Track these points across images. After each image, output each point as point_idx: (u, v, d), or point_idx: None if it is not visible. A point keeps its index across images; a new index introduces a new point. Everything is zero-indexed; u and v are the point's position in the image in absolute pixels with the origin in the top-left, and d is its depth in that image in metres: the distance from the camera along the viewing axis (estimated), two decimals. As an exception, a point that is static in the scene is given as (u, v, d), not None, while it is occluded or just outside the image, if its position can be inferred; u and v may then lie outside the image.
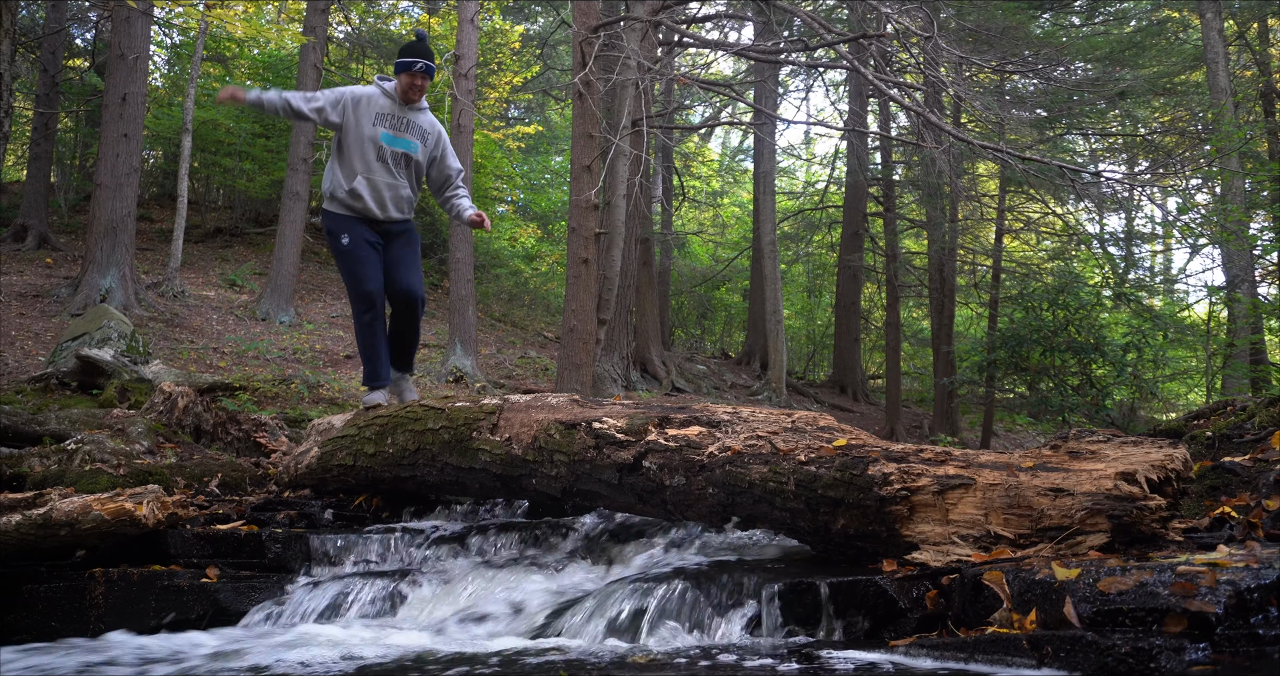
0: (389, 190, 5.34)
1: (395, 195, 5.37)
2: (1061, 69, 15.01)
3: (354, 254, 5.25)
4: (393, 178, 5.35)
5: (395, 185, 5.36)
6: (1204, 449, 3.69)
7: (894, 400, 17.92)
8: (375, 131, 5.27)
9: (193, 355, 11.80)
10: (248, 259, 18.32)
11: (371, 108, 5.29)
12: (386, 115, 5.32)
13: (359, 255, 5.25)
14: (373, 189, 5.28)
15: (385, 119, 5.31)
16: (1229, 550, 2.21)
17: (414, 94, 5.32)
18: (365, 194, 5.26)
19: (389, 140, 5.31)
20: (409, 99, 5.34)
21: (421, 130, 5.46)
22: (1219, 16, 14.29)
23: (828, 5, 18.62)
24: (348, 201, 5.27)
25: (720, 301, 26.14)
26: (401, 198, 5.42)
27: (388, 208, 5.36)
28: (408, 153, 5.40)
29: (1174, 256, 26.86)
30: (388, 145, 5.31)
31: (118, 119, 12.76)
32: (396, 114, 5.35)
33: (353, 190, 5.24)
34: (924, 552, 2.62)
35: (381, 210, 5.33)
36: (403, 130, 5.37)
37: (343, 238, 5.26)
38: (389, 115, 5.33)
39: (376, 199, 5.30)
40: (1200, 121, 17.27)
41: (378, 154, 5.28)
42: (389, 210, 5.37)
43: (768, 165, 19.80)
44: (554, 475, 3.69)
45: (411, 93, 5.31)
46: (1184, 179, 18.74)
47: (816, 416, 3.37)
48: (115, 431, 5.46)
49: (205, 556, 3.82)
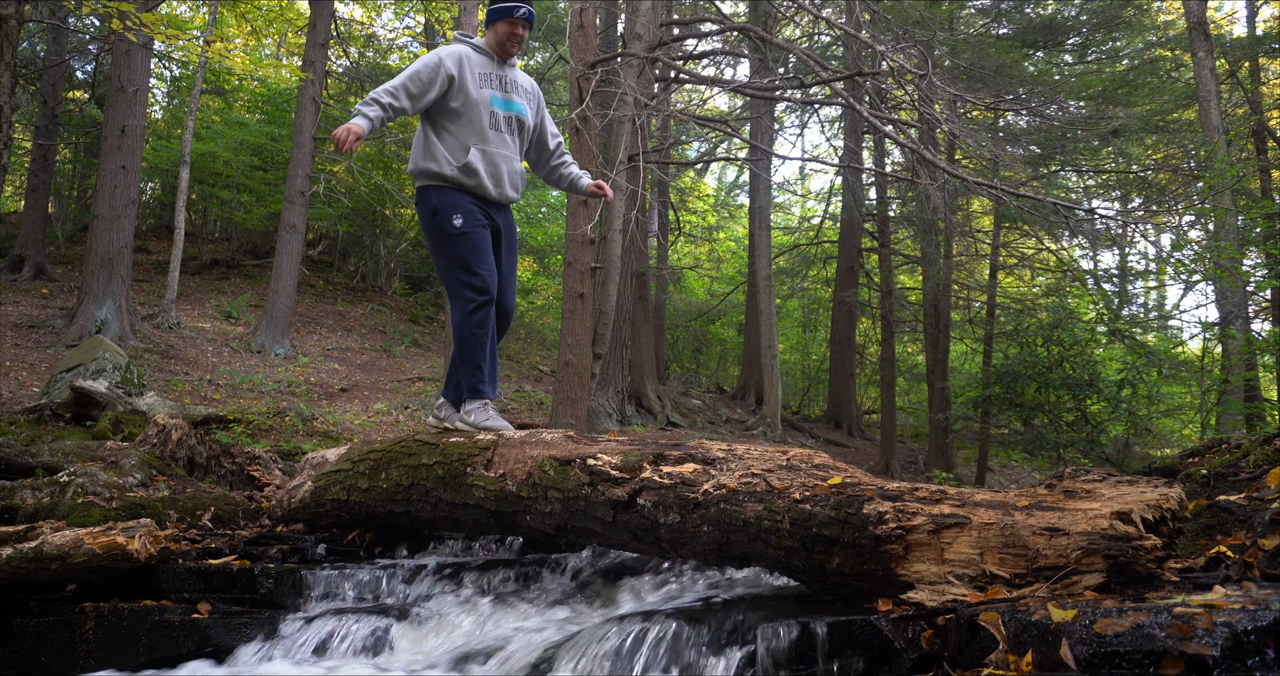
0: (505, 163, 4.56)
1: (511, 169, 4.60)
2: (1055, 107, 15.12)
3: (468, 238, 4.40)
4: (508, 148, 4.59)
5: (511, 157, 4.60)
6: (1199, 487, 3.70)
7: (889, 435, 17.89)
8: (484, 94, 4.49)
9: (187, 387, 11.78)
10: (244, 291, 18.34)
11: (473, 67, 4.51)
12: (489, 75, 4.55)
13: (474, 240, 4.41)
14: (489, 163, 4.49)
15: (490, 79, 4.54)
16: (1225, 591, 2.20)
17: (513, 46, 4.56)
18: (481, 169, 4.45)
19: (500, 103, 4.56)
20: (507, 53, 4.59)
21: (525, 90, 4.73)
22: (1211, 55, 14.43)
23: (823, 43, 18.78)
24: (459, 179, 4.43)
25: (715, 336, 26.18)
26: (516, 173, 4.64)
27: (504, 184, 4.56)
28: (521, 117, 4.66)
29: (1168, 293, 26.92)
30: (500, 109, 4.55)
31: (116, 151, 12.82)
32: (496, 72, 4.58)
33: (466, 165, 4.43)
34: (919, 592, 2.61)
35: (498, 187, 4.53)
36: (510, 91, 4.62)
37: (455, 218, 4.40)
38: (490, 74, 4.56)
39: (493, 174, 4.50)
40: (1193, 159, 17.39)
41: (490, 121, 4.51)
42: (505, 188, 4.57)
43: (763, 200, 19.90)
44: (548, 512, 3.68)
45: (510, 44, 4.55)
46: (1177, 216, 18.85)
47: (811, 454, 3.36)
48: (108, 464, 5.44)
49: (197, 591, 3.80)
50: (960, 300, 19.68)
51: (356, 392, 13.53)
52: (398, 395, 13.66)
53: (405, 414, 12.50)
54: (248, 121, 19.63)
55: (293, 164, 15.50)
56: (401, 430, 11.41)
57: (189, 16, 21.79)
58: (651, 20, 11.79)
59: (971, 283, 20.15)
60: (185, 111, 17.49)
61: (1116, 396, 12.60)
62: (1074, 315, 14.28)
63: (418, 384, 14.58)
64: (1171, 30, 18.49)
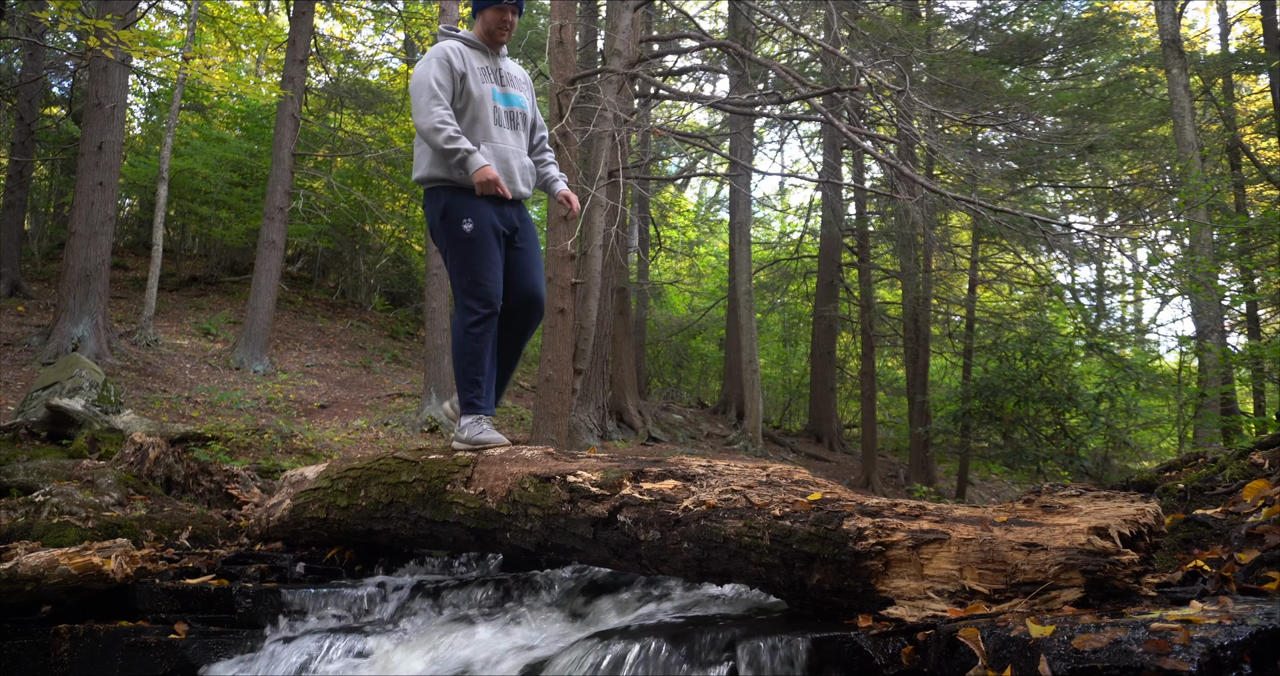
0: (515, 159, 4.40)
1: (521, 164, 4.44)
2: (1032, 123, 15.26)
3: (477, 244, 4.23)
4: (516, 143, 4.43)
5: (519, 152, 4.44)
6: (1176, 501, 3.71)
7: (870, 449, 17.92)
8: (485, 89, 4.32)
9: (165, 404, 11.70)
10: (222, 307, 18.25)
11: (470, 62, 4.33)
12: (485, 69, 4.37)
13: (483, 247, 4.24)
14: (499, 160, 4.30)
15: (488, 74, 4.37)
16: (1202, 606, 2.21)
17: (502, 34, 4.39)
18: (492, 168, 4.24)
19: (500, 98, 4.39)
20: (497, 42, 4.42)
21: (519, 81, 4.56)
22: (1185, 72, 14.59)
23: (802, 59, 18.88)
24: (468, 181, 4.20)
25: (696, 351, 26.21)
26: (526, 168, 4.49)
27: (515, 181, 4.38)
28: (522, 110, 4.50)
29: (1144, 307, 27.15)
30: (502, 104, 4.39)
31: (93, 167, 12.76)
32: (491, 66, 4.41)
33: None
34: (899, 608, 2.61)
35: (510, 184, 4.32)
36: (508, 84, 4.46)
37: (465, 222, 4.22)
38: (486, 68, 4.38)
39: (505, 172, 4.32)
40: (1168, 174, 17.56)
41: (495, 116, 4.34)
42: (517, 184, 4.39)
43: (743, 215, 19.97)
44: (528, 529, 3.66)
45: (500, 33, 4.38)
46: (1153, 231, 19.01)
47: (791, 469, 3.37)
48: (85, 483, 5.39)
49: (174, 611, 3.77)
50: (940, 314, 19.78)
51: (336, 409, 13.47)
52: (377, 411, 13.61)
53: (385, 430, 12.45)
54: (227, 137, 19.58)
55: (272, 180, 15.46)
56: (381, 447, 11.36)
57: (168, 32, 21.75)
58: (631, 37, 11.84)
59: (951, 297, 20.24)
60: (164, 127, 17.45)
61: (1095, 410, 12.67)
62: (1052, 329, 14.37)
63: (398, 400, 14.52)
64: (1146, 47, 18.67)
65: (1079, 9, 18.52)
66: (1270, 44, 15.36)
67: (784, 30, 15.98)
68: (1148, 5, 20.25)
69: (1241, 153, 18.36)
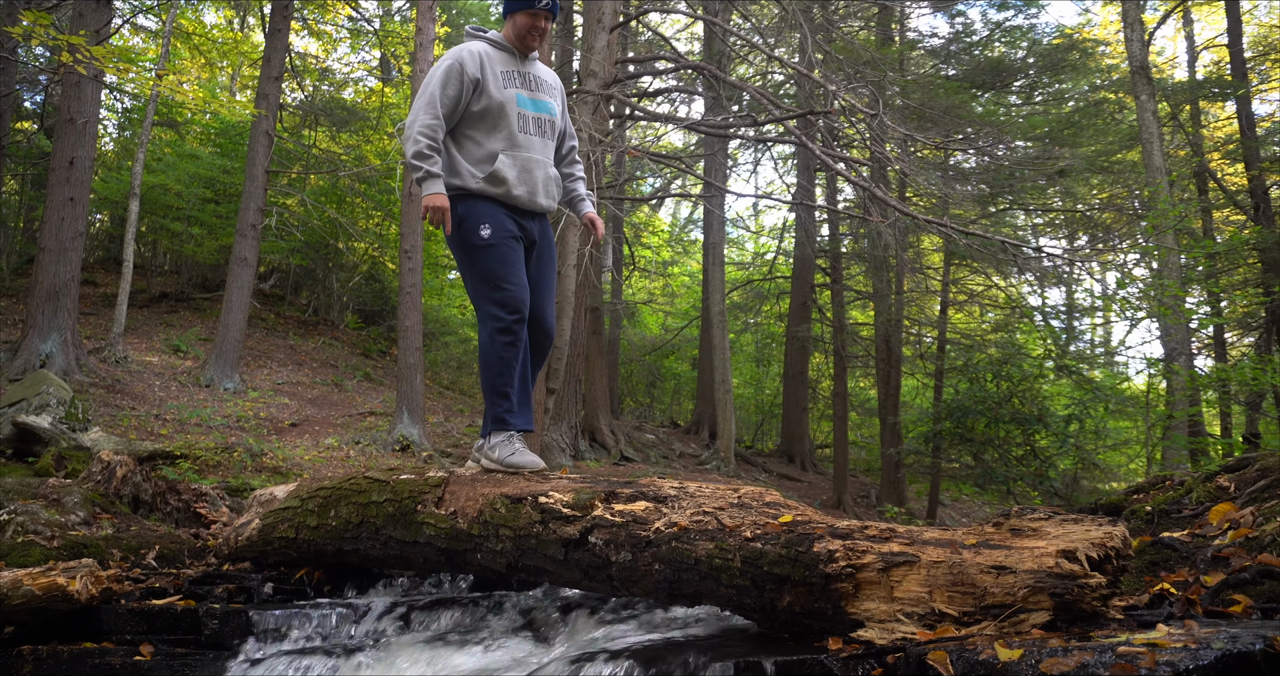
0: (540, 169, 4.13)
1: (545, 176, 4.16)
2: (1003, 147, 15.42)
3: (497, 251, 3.98)
4: (543, 152, 4.16)
5: (544, 162, 4.16)
6: (1144, 524, 3.75)
7: (841, 470, 17.97)
8: (509, 94, 4.06)
9: (134, 422, 11.59)
10: (193, 324, 18.12)
11: (494, 65, 4.07)
12: (511, 72, 4.12)
13: (504, 253, 3.99)
14: (521, 169, 4.06)
15: (513, 77, 4.11)
16: (1168, 629, 2.23)
17: (533, 40, 4.14)
18: (511, 177, 4.03)
19: (528, 103, 4.13)
20: (528, 47, 4.16)
21: (550, 86, 4.29)
22: (1153, 98, 14.81)
23: (776, 81, 19.03)
24: (486, 190, 4.03)
25: (669, 370, 26.24)
26: (551, 179, 4.20)
27: (538, 193, 4.13)
28: (550, 117, 4.23)
29: (1113, 329, 27.45)
30: (529, 110, 4.13)
31: (64, 182, 12.66)
32: (519, 69, 4.16)
33: (493, 175, 4.02)
34: (869, 630, 2.62)
35: (531, 197, 4.10)
36: (537, 89, 4.20)
37: (483, 228, 3.97)
38: (513, 72, 4.13)
39: (526, 182, 4.08)
40: (1137, 199, 17.78)
41: (520, 123, 4.08)
42: (538, 197, 4.14)
43: (717, 236, 20.04)
44: (499, 550, 3.65)
45: (531, 38, 4.13)
46: (1122, 254, 19.23)
47: (763, 492, 3.37)
48: (50, 501, 5.33)
49: (140, 632, 3.73)
50: (911, 335, 19.89)
51: (307, 427, 13.38)
52: (349, 430, 13.53)
53: (356, 449, 12.38)
54: (200, 154, 19.49)
55: (245, 197, 15.39)
56: (352, 466, 11.29)
57: (143, 47, 21.66)
58: (607, 58, 11.90)
59: (922, 318, 20.38)
60: (136, 143, 17.34)
61: (1064, 431, 12.77)
62: (1022, 351, 14.49)
63: (369, 418, 14.45)
64: (1115, 74, 18.96)
65: (1049, 35, 18.79)
66: (1236, 72, 15.63)
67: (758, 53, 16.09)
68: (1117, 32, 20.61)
69: (1209, 178, 18.62)
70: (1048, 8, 42.63)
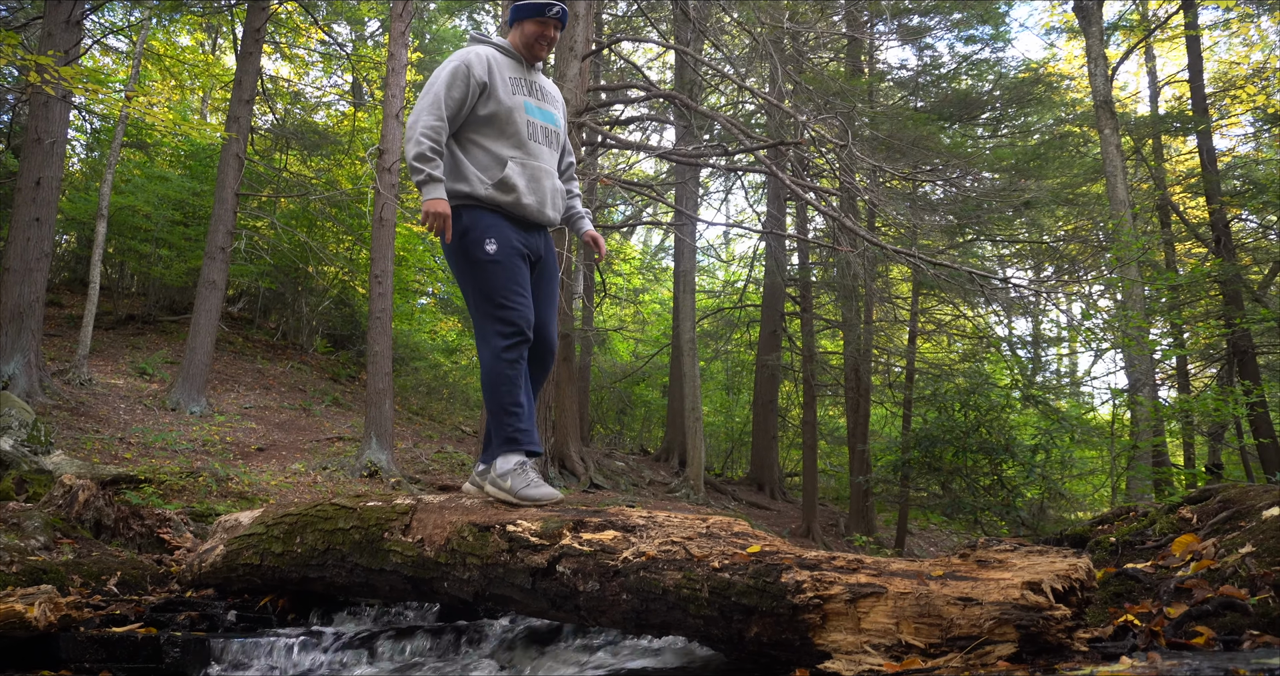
0: (549, 179, 3.99)
1: (554, 187, 4.03)
2: (970, 178, 15.61)
3: (503, 267, 3.82)
4: (550, 163, 4.02)
5: (552, 173, 4.03)
6: (1108, 555, 3.78)
7: (810, 498, 17.98)
8: (517, 100, 3.92)
9: (97, 445, 11.45)
10: (160, 347, 17.95)
11: (502, 70, 3.94)
12: (519, 79, 3.99)
13: (509, 269, 3.83)
14: (530, 178, 3.91)
15: (520, 84, 3.98)
16: (1132, 661, 2.25)
17: (541, 49, 4.01)
18: (521, 184, 3.87)
19: (535, 112, 4.00)
20: (535, 56, 4.04)
21: (555, 99, 4.18)
22: (1116, 132, 15.05)
23: (747, 111, 19.19)
24: (494, 198, 3.86)
25: (640, 398, 26.22)
26: (557, 191, 4.07)
27: (546, 204, 3.99)
28: (555, 128, 4.10)
29: (1079, 360, 27.73)
30: (537, 119, 3.99)
31: (30, 203, 12.55)
32: (526, 77, 4.03)
33: (503, 181, 3.85)
34: (836, 661, 2.62)
35: (540, 207, 3.96)
36: (542, 99, 4.07)
37: (488, 243, 3.81)
38: (520, 79, 3.99)
39: (536, 192, 3.93)
40: (1101, 230, 18.02)
41: (529, 130, 3.94)
42: (546, 208, 4.00)
43: (688, 264, 20.11)
44: (466, 578, 3.63)
45: (539, 47, 4.00)
46: (1087, 285, 19.47)
47: (731, 521, 3.38)
48: (10, 525, 5.25)
49: (99, 661, 3.67)
50: (880, 365, 19.99)
51: (274, 452, 13.26)
52: (316, 455, 13.42)
53: (324, 475, 12.27)
54: (170, 176, 19.38)
55: (214, 219, 15.30)
56: (319, 492, 11.19)
57: (113, 68, 21.57)
58: (579, 85, 11.96)
59: (891, 347, 20.49)
60: (105, 164, 17.22)
61: (1031, 460, 12.84)
62: (990, 380, 14.58)
63: (337, 443, 14.34)
64: (1079, 108, 19.26)
65: (1016, 69, 19.08)
66: (1197, 107, 15.90)
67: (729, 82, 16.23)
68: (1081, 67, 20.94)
69: (1171, 211, 18.92)
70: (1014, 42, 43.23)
